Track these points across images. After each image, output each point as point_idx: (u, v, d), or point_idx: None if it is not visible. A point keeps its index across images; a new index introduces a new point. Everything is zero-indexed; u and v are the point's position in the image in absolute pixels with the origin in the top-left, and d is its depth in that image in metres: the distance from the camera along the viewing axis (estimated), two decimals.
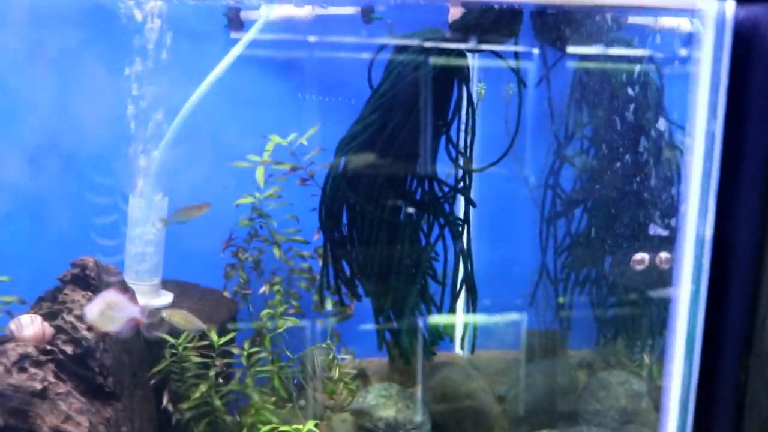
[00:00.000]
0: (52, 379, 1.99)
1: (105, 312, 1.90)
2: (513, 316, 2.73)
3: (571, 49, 2.67)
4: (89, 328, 2.06)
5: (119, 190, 2.58)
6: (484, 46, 2.60)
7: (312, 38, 2.67)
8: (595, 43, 2.62)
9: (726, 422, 1.67)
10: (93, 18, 2.49)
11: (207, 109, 2.57)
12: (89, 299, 2.09)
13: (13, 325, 2.06)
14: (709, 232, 1.62)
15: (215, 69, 2.54)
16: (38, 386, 1.96)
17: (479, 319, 2.78)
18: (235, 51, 2.54)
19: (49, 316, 2.06)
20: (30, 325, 2.00)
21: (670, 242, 1.87)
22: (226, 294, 2.65)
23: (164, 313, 2.31)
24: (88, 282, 2.12)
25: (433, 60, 2.57)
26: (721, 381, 1.71)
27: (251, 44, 2.61)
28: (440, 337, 2.81)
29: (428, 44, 2.59)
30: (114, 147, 2.53)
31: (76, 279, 2.15)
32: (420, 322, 2.79)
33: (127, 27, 2.45)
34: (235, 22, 2.59)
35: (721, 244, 1.63)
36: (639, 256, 1.90)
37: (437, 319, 2.82)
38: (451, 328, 2.83)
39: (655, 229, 2.01)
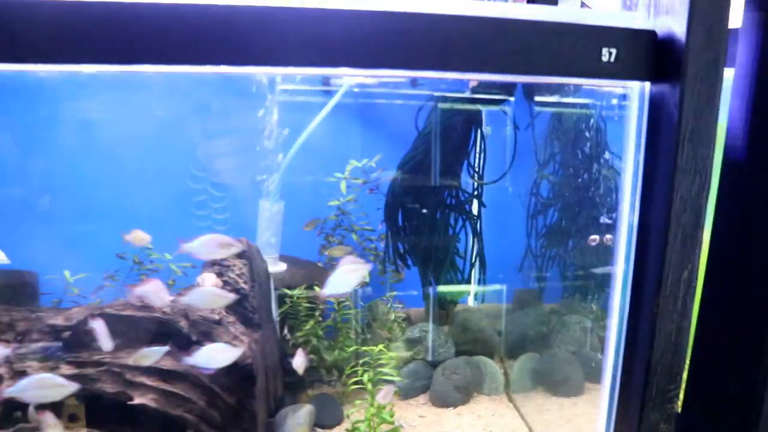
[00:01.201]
0: (224, 313, 2.13)
1: None
2: (507, 280, 2.83)
3: (548, 104, 2.76)
4: (244, 282, 2.19)
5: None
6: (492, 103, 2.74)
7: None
8: (563, 99, 2.70)
9: (644, 337, 1.73)
10: (234, 86, 2.55)
11: (311, 144, 2.64)
12: (244, 264, 2.22)
13: (199, 279, 2.18)
14: (635, 221, 1.73)
15: (316, 118, 2.61)
16: (216, 317, 2.12)
17: (486, 281, 2.90)
18: (328, 106, 2.61)
19: (218, 275, 2.19)
20: (209, 279, 2.14)
21: (611, 229, 1.93)
22: (319, 264, 2.77)
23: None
24: (242, 253, 2.24)
25: (459, 110, 2.72)
26: (642, 315, 1.76)
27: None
28: (461, 293, 2.93)
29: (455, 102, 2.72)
30: (253, 169, 2.65)
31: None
32: (449, 283, 2.90)
33: (258, 91, 2.56)
34: (326, 83, 2.66)
35: (643, 230, 1.73)
36: (592, 237, 2.01)
37: (460, 281, 2.93)
38: (468, 287, 2.96)
39: (603, 221, 2.14)
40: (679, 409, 1.97)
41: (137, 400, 1.95)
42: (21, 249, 2.38)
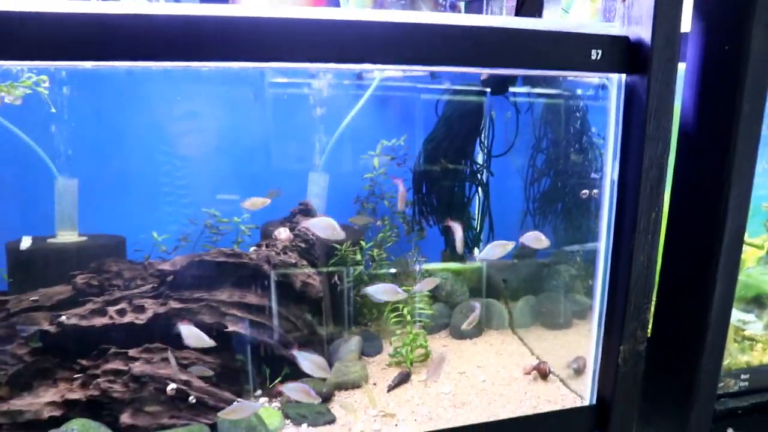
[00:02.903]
0: (297, 258, 2.53)
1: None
2: (510, 237, 3.16)
3: (542, 91, 3.11)
4: (312, 234, 2.59)
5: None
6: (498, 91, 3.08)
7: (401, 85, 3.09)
8: (552, 88, 3.01)
9: (624, 264, 2.12)
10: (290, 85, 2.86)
11: (350, 130, 3.00)
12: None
13: (276, 232, 2.56)
14: (615, 177, 2.12)
15: (353, 109, 2.99)
16: (293, 261, 2.50)
17: (494, 238, 3.24)
18: (365, 96, 2.97)
19: (290, 229, 2.61)
20: (284, 232, 2.55)
21: (598, 184, 2.24)
22: (356, 227, 3.04)
23: None
24: (308, 212, 2.71)
25: (472, 99, 3.11)
26: (621, 248, 2.15)
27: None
28: (476, 246, 3.33)
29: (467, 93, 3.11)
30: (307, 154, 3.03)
31: (301, 211, 2.73)
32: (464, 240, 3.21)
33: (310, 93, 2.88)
34: (360, 77, 2.97)
35: (622, 183, 2.11)
36: (583, 191, 2.37)
37: (472, 238, 3.32)
38: (480, 241, 3.34)
39: (592, 176, 2.44)
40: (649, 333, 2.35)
41: (231, 328, 2.34)
42: (112, 217, 2.84)
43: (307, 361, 2.15)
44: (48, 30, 1.55)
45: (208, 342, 2.15)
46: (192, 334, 2.14)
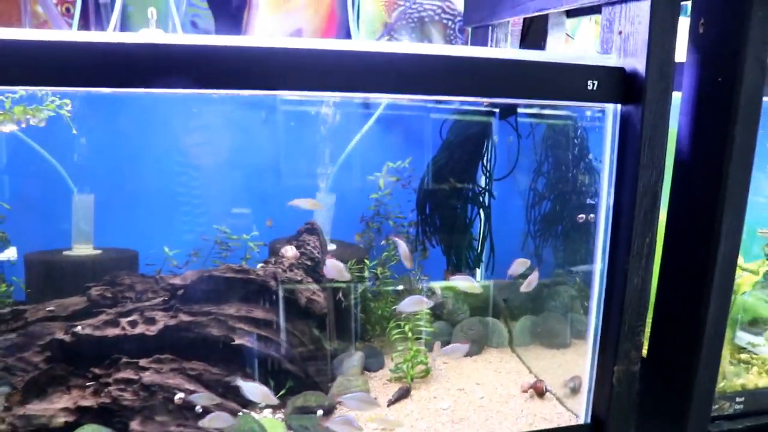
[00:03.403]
0: (303, 275, 2.59)
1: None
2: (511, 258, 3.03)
3: (542, 113, 3.14)
4: (318, 252, 2.66)
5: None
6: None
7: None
8: (553, 110, 3.06)
9: (619, 287, 2.19)
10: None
11: (357, 153, 3.08)
12: (315, 239, 2.72)
13: (282, 250, 2.62)
14: (611, 203, 2.19)
15: (361, 130, 3.06)
16: (298, 278, 2.56)
17: (495, 259, 3.29)
18: (371, 120, 3.08)
19: (297, 247, 2.66)
20: (291, 250, 2.61)
21: (594, 209, 2.30)
22: (360, 246, 3.16)
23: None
24: (314, 231, 2.75)
25: (475, 122, 3.17)
26: (616, 271, 2.22)
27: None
28: (477, 266, 3.36)
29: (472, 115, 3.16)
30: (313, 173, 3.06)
31: (308, 230, 2.77)
32: (466, 260, 3.33)
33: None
34: (365, 105, 3.06)
35: (617, 208, 2.19)
36: (580, 215, 2.41)
37: (474, 258, 3.36)
38: (481, 262, 3.37)
39: (588, 202, 2.48)
40: (645, 354, 2.41)
41: (237, 341, 2.41)
42: (125, 232, 2.96)
43: (250, 388, 2.25)
44: (77, 59, 1.65)
45: (273, 400, 2.26)
46: (252, 390, 2.25)
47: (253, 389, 2.25)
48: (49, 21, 2.96)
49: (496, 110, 3.10)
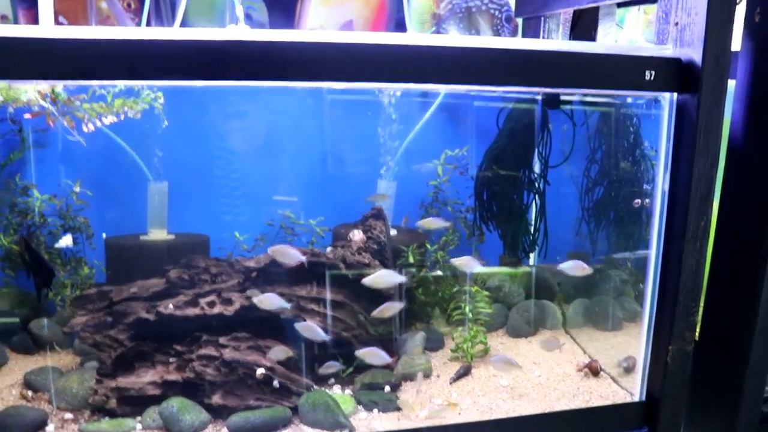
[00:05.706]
0: (370, 258, 2.69)
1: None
2: (565, 243, 3.30)
3: (596, 101, 3.19)
4: (384, 237, 2.74)
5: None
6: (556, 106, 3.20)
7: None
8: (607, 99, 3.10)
9: (674, 269, 2.23)
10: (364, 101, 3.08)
11: (419, 141, 3.18)
12: (382, 224, 2.80)
13: (350, 234, 2.73)
14: (666, 188, 2.22)
15: (421, 119, 3.16)
16: (366, 261, 2.66)
17: (548, 244, 3.40)
18: (431, 110, 3.16)
19: (364, 231, 2.78)
20: (358, 234, 2.72)
21: (649, 195, 2.35)
22: (420, 231, 3.17)
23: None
24: (380, 216, 2.84)
25: (530, 111, 3.24)
26: (671, 254, 2.26)
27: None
28: (532, 249, 3.44)
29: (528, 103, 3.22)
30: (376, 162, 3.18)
31: (374, 215, 2.86)
32: (522, 245, 3.41)
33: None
34: (426, 95, 3.14)
35: (673, 194, 2.22)
36: (636, 200, 2.52)
37: (530, 243, 3.44)
38: (536, 245, 3.44)
39: (645, 188, 2.55)
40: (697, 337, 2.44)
41: (308, 321, 2.52)
42: (199, 219, 3.13)
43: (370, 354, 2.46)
44: (170, 55, 1.79)
45: (322, 335, 2.44)
46: (307, 328, 2.45)
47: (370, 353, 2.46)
48: (112, 17, 3.01)
49: (554, 100, 3.17)
